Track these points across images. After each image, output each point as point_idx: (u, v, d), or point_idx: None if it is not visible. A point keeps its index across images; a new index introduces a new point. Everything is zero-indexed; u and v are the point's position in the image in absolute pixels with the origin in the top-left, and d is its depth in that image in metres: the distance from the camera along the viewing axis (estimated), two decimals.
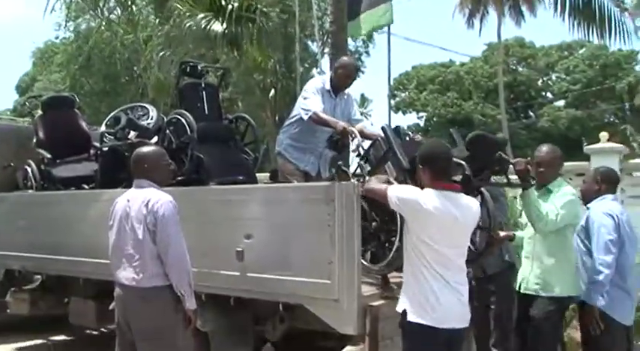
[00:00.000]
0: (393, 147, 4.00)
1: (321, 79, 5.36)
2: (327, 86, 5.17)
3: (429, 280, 3.19)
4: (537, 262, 4.16)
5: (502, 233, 4.16)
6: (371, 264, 4.17)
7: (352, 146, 4.48)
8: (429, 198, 3.23)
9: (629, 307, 4.13)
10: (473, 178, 3.81)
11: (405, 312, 3.25)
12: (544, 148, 4.30)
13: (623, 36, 10.17)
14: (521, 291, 4.27)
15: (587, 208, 4.28)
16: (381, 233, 4.09)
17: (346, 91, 5.31)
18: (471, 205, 3.38)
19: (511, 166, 4.08)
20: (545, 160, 4.22)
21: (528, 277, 4.21)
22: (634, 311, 4.23)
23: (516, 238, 4.41)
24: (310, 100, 5.00)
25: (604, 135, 9.19)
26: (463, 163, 3.78)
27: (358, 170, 4.30)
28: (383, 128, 4.27)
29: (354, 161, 4.74)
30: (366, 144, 4.43)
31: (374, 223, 4.09)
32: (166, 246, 3.49)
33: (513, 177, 4.24)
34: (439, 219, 3.20)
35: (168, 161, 3.86)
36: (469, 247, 3.86)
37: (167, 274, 3.54)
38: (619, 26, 10.25)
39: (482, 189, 4.01)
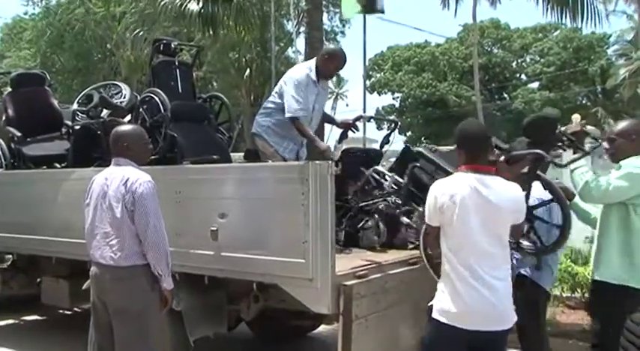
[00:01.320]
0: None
1: (306, 68, 5.22)
2: (313, 76, 5.12)
3: (452, 277, 3.04)
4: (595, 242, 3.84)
5: None
6: None
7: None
8: (448, 186, 3.09)
9: None
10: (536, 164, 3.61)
11: (430, 307, 3.18)
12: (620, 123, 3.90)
13: (595, 20, 10.28)
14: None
15: None
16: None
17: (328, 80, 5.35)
18: (508, 189, 3.11)
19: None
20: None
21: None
22: None
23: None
24: (299, 104, 4.98)
25: (576, 117, 9.28)
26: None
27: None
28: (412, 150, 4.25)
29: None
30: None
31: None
32: (145, 225, 3.47)
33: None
34: (466, 203, 3.01)
35: (147, 140, 3.83)
36: (535, 240, 3.81)
37: (145, 254, 3.52)
38: (591, 10, 10.35)
39: (551, 182, 3.79)
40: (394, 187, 4.08)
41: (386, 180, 4.16)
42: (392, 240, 4.92)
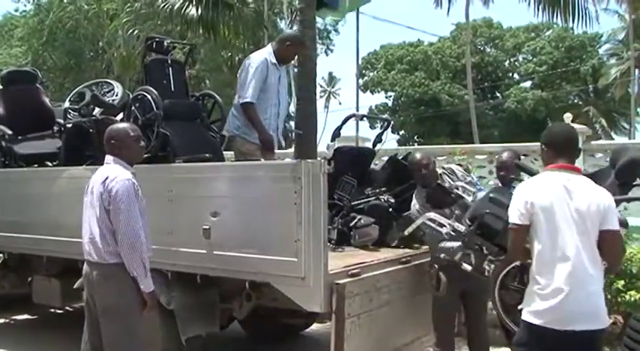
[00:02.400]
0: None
1: (265, 53, 5.26)
2: (273, 59, 5.18)
3: (542, 277, 2.98)
4: None
5: None
6: None
7: None
8: (538, 185, 3.07)
9: None
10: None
11: (520, 310, 3.14)
12: None
13: (586, 20, 10.35)
14: None
15: None
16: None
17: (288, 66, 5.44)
18: (595, 190, 3.05)
19: None
20: None
21: None
22: None
23: None
24: (251, 87, 5.04)
25: (568, 116, 9.39)
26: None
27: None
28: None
29: None
30: None
31: None
32: (117, 224, 3.46)
33: None
34: (557, 202, 2.97)
35: (138, 138, 3.79)
36: None
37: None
38: (582, 10, 10.42)
39: None
40: (452, 233, 3.99)
41: (444, 227, 4.06)
42: (385, 238, 4.93)
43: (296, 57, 5.52)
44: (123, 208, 3.45)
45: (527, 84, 37.02)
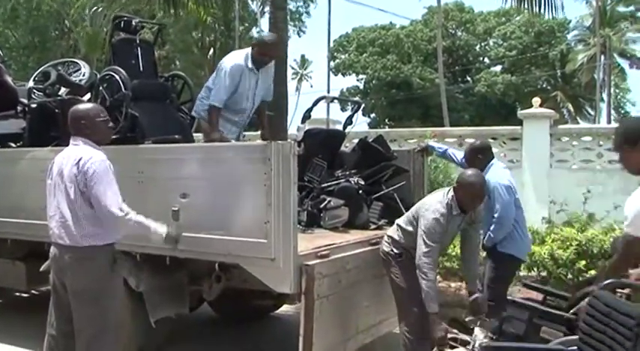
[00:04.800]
0: None
1: (243, 55, 5.30)
2: (250, 63, 5.23)
3: None
4: None
5: None
6: None
7: None
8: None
9: None
10: None
11: None
12: None
13: (552, 8, 10.45)
14: None
15: None
16: None
17: (271, 63, 5.40)
18: None
19: None
20: None
21: None
22: None
23: None
24: (219, 90, 5.16)
25: (536, 100, 9.50)
26: None
27: None
28: None
29: None
30: None
31: None
32: (99, 204, 3.39)
33: None
34: None
35: (106, 119, 3.73)
36: None
37: (102, 234, 3.47)
38: None
39: None
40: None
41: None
42: (354, 220, 4.96)
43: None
44: (102, 187, 3.38)
45: (498, 68, 37.38)
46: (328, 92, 14.07)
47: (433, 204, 4.00)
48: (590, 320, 2.86)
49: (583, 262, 6.20)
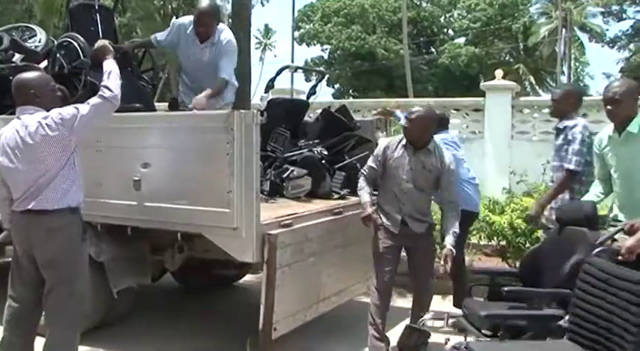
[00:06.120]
0: None
1: (189, 19, 5.15)
2: (189, 30, 5.06)
3: None
4: None
5: None
6: None
7: None
8: None
9: None
10: None
11: None
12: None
13: None
14: None
15: None
16: None
17: (222, 38, 5.02)
18: None
19: None
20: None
21: None
22: None
23: None
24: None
25: (499, 72, 9.60)
26: None
27: None
28: None
29: None
30: None
31: None
32: (91, 116, 3.43)
33: None
34: None
35: (54, 86, 3.63)
36: None
37: (74, 193, 3.39)
38: None
39: None
40: None
41: None
42: (317, 190, 4.99)
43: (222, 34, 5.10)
44: (83, 110, 3.38)
45: (462, 40, 37.57)
46: (292, 62, 13.93)
47: None
48: (586, 287, 2.97)
49: (540, 231, 6.36)
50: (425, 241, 4.18)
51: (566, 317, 3.07)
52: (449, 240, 4.00)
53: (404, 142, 4.15)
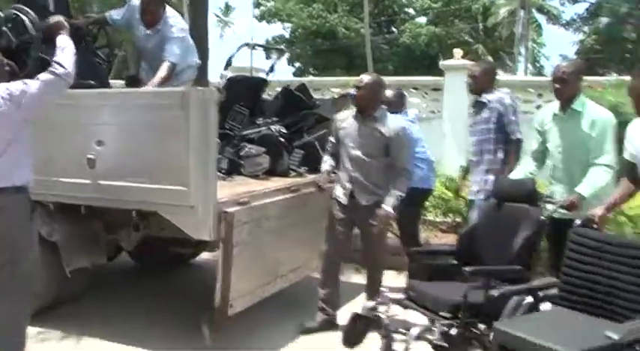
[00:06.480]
0: None
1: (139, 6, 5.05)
2: (137, 14, 5.00)
3: None
4: None
5: None
6: None
7: None
8: None
9: None
10: None
11: None
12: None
13: None
14: None
15: None
16: None
17: (169, 23, 4.92)
18: None
19: None
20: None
21: None
22: None
23: None
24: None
25: (458, 51, 9.67)
26: None
27: None
28: None
29: None
30: None
31: None
32: (45, 86, 3.32)
33: None
34: None
35: (2, 61, 3.51)
36: None
37: (17, 184, 3.29)
38: None
39: None
40: None
41: None
42: (275, 168, 4.98)
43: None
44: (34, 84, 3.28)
45: (422, 20, 37.65)
46: (252, 40, 13.79)
47: None
48: (578, 256, 3.06)
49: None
50: (374, 215, 4.18)
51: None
52: (388, 201, 4.09)
53: (354, 113, 4.29)
